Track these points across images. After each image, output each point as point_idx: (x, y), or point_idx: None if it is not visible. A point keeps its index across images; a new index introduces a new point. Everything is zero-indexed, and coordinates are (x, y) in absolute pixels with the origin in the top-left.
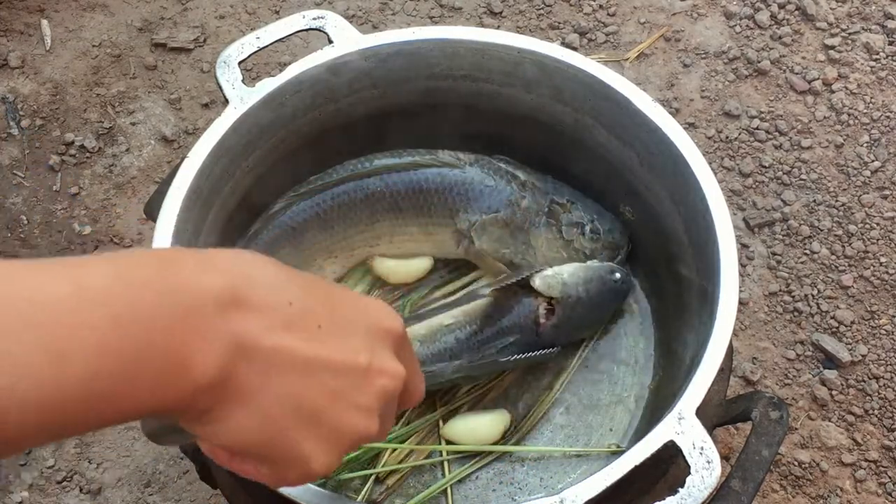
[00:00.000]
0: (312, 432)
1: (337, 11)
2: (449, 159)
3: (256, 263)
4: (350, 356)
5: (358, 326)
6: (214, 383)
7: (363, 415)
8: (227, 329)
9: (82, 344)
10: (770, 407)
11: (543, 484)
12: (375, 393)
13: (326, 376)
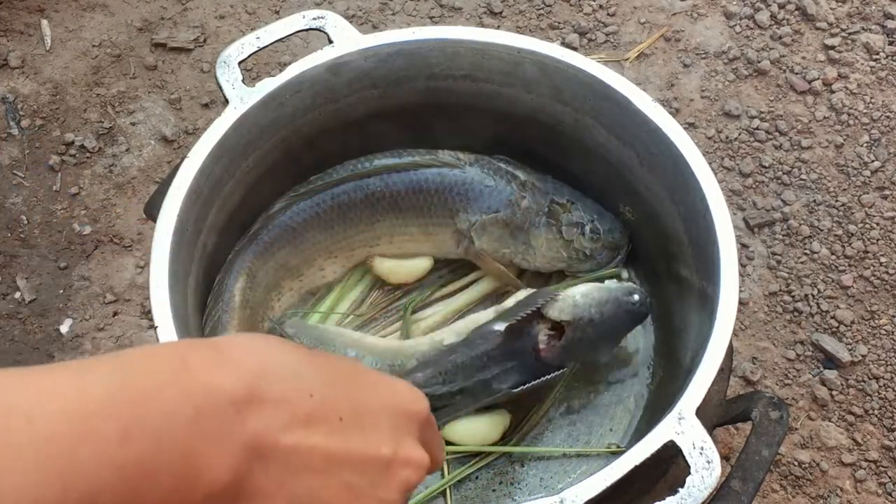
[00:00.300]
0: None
1: (337, 11)
2: (449, 159)
3: (273, 352)
4: (373, 449)
5: (381, 414)
6: (227, 489)
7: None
8: (243, 430)
9: (86, 460)
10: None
11: (543, 484)
12: (398, 485)
13: (347, 473)
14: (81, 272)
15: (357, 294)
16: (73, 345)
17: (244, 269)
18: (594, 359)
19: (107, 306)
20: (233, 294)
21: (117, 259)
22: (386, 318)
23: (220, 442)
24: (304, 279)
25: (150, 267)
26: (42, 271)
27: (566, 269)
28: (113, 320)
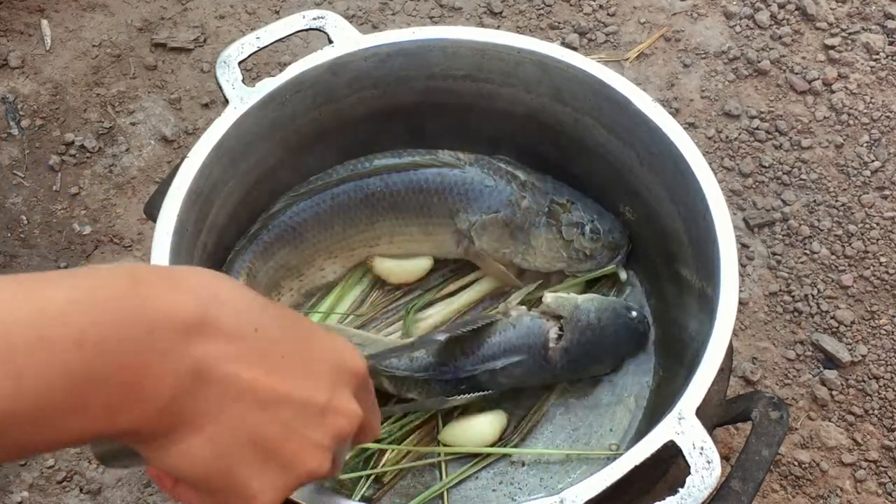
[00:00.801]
0: (263, 467)
1: (337, 11)
2: (449, 159)
3: (225, 286)
4: (310, 393)
5: (322, 363)
6: (169, 407)
7: (317, 452)
8: (189, 353)
9: (39, 363)
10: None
11: (543, 484)
12: (331, 432)
13: (283, 411)
14: None
15: (357, 294)
16: None
17: (244, 269)
18: (592, 367)
19: None
20: None
21: (117, 259)
22: (386, 318)
23: (167, 360)
24: (304, 279)
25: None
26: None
27: (566, 269)
28: None
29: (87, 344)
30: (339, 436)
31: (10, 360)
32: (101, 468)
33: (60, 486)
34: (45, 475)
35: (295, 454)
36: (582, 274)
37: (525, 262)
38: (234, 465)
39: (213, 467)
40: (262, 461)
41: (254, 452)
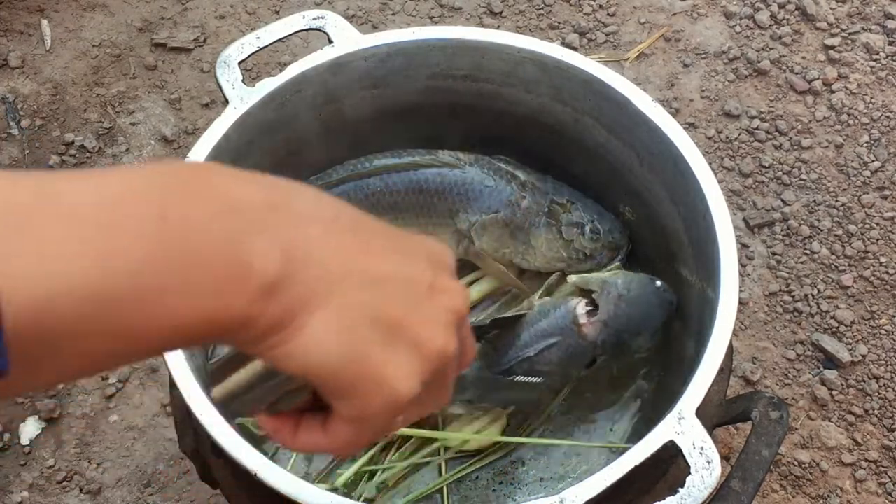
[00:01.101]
0: (392, 347)
1: (337, 11)
2: (449, 159)
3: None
4: (411, 271)
5: (416, 249)
6: (276, 287)
7: (441, 328)
8: (279, 233)
9: (124, 239)
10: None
11: (543, 484)
12: (445, 307)
13: (391, 288)
14: None
15: None
16: None
17: None
18: (633, 341)
19: None
20: None
21: None
22: None
23: (263, 234)
24: None
25: None
26: None
27: (566, 269)
28: None
29: (171, 219)
30: (455, 312)
31: (90, 241)
32: (101, 468)
33: (60, 486)
34: (45, 475)
35: (418, 330)
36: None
37: (525, 262)
38: (363, 347)
39: (343, 351)
40: (388, 341)
41: (378, 331)
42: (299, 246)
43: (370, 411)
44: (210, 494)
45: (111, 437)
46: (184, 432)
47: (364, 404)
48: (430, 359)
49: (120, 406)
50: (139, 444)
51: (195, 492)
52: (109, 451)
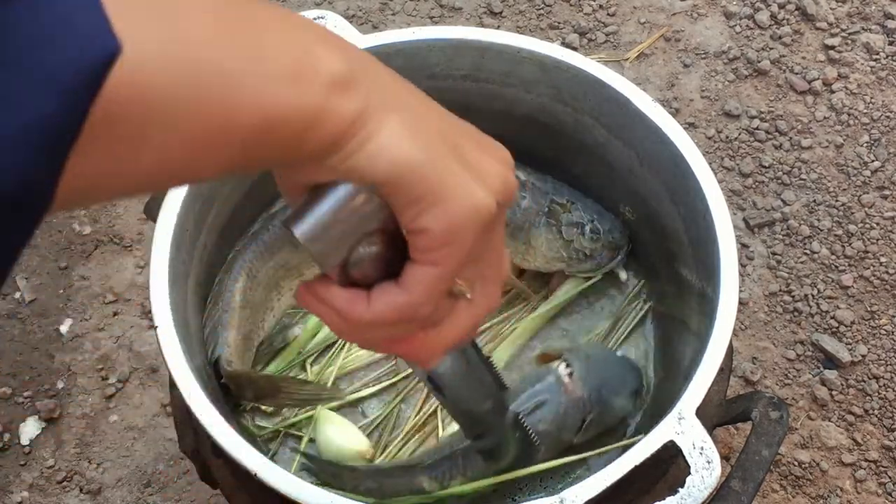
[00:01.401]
0: (464, 164)
1: (337, 11)
2: None
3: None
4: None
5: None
6: (349, 81)
7: (501, 166)
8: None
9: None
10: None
11: (543, 484)
12: (503, 157)
13: (455, 123)
14: (81, 272)
15: None
16: (73, 345)
17: (244, 268)
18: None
19: (107, 306)
20: (233, 294)
21: (117, 259)
22: None
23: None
24: (304, 279)
25: (150, 267)
26: (42, 271)
27: (566, 269)
28: (113, 320)
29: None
30: (506, 179)
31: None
32: (101, 468)
33: (60, 486)
34: (45, 475)
35: (480, 160)
36: (582, 274)
37: (525, 262)
38: (440, 154)
39: (425, 150)
40: (458, 158)
41: (448, 147)
42: (367, 68)
43: (455, 223)
44: (210, 494)
45: (111, 437)
46: (184, 432)
47: (449, 214)
48: (497, 179)
49: (120, 406)
50: (139, 444)
51: (195, 492)
52: (109, 451)
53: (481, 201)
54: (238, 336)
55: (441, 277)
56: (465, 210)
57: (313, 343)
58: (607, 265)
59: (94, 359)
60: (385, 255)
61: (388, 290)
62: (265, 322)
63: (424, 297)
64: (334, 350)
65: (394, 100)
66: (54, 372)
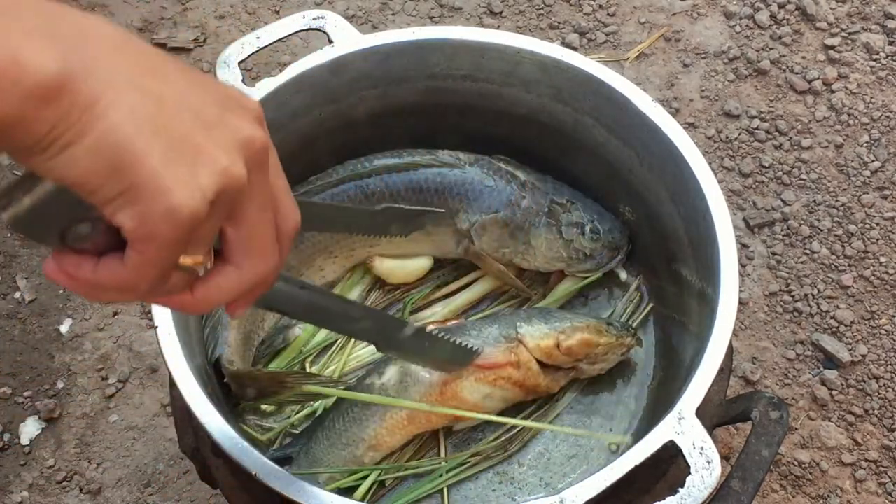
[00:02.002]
0: (173, 159)
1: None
2: (449, 159)
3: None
4: (204, 98)
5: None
6: (54, 89)
7: (226, 150)
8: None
9: None
10: (770, 407)
11: (543, 484)
12: (233, 136)
13: (180, 106)
14: None
15: (357, 294)
16: (73, 345)
17: None
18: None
19: (107, 306)
20: None
21: None
22: None
23: (40, 36)
24: (304, 279)
25: None
26: (42, 271)
27: (566, 269)
28: (113, 320)
29: None
30: (246, 143)
31: None
32: (101, 468)
33: (60, 486)
34: (45, 475)
35: (199, 148)
36: (582, 274)
37: (525, 262)
38: (140, 154)
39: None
40: (168, 152)
41: (157, 142)
42: (83, 54)
43: (149, 223)
44: (210, 494)
45: (111, 437)
46: (184, 432)
47: (141, 213)
48: (213, 175)
49: (120, 406)
50: (139, 444)
51: (195, 492)
52: (109, 451)
53: (178, 201)
54: (238, 336)
55: (148, 263)
56: (157, 212)
57: (313, 343)
58: (607, 265)
59: (94, 359)
60: (102, 235)
61: (110, 263)
62: (265, 322)
63: (138, 275)
64: (334, 350)
65: (110, 98)
66: (54, 372)
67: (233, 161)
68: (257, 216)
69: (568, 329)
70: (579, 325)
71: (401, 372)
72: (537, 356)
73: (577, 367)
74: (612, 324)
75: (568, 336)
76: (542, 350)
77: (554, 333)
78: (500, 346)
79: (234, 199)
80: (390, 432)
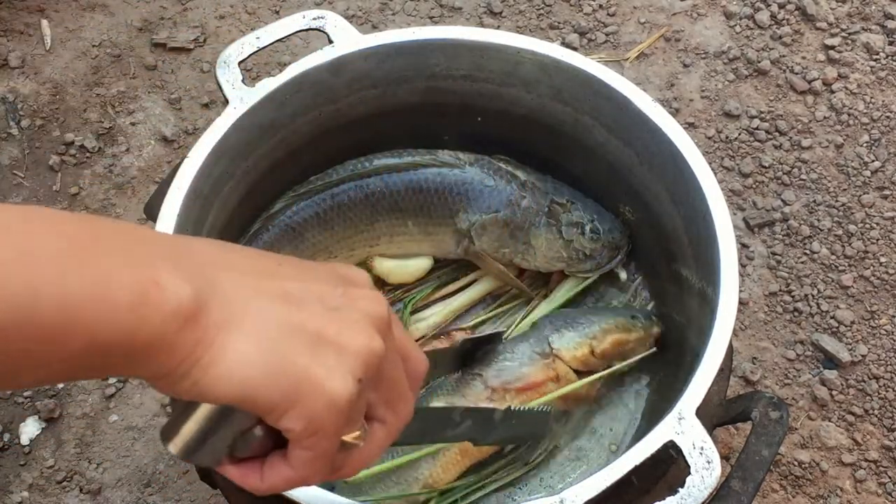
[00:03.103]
0: (316, 353)
1: (337, 11)
2: (449, 159)
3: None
4: (324, 284)
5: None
6: (192, 309)
7: (361, 328)
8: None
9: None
10: (770, 407)
11: (543, 484)
12: (362, 311)
13: (307, 300)
14: None
15: None
16: None
17: None
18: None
19: None
20: None
21: None
22: None
23: (170, 261)
24: None
25: None
26: None
27: (566, 269)
28: None
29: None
30: (374, 314)
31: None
32: (101, 468)
33: (60, 486)
34: (45, 475)
35: (338, 333)
36: (582, 274)
37: (525, 262)
38: (287, 357)
39: (267, 364)
40: (311, 348)
41: (299, 340)
42: (205, 274)
43: (315, 419)
44: (210, 494)
45: (111, 437)
46: None
47: (306, 413)
48: (357, 356)
49: (120, 406)
50: (139, 444)
51: (195, 492)
52: (109, 451)
53: (335, 391)
54: None
55: (317, 457)
56: (320, 407)
57: None
58: (607, 265)
59: None
60: (266, 437)
61: (276, 466)
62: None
63: (308, 471)
64: None
65: (240, 310)
66: None
67: (370, 336)
68: (393, 374)
69: (599, 333)
70: (608, 327)
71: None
72: (574, 366)
73: (611, 365)
74: (637, 316)
75: (600, 340)
76: (578, 360)
77: (587, 341)
78: (537, 363)
79: (377, 370)
80: (445, 470)
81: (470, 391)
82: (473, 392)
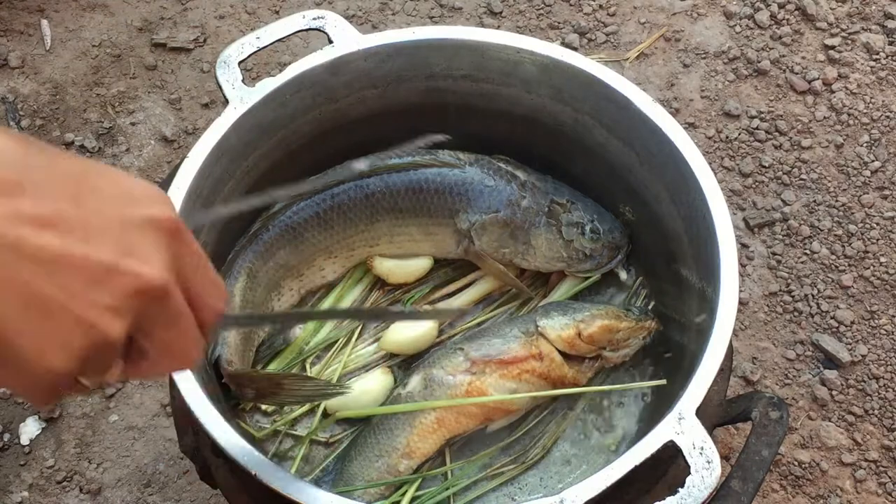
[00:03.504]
0: (39, 324)
1: (337, 11)
2: (449, 159)
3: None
4: (91, 252)
5: (111, 219)
6: None
7: (104, 312)
8: None
9: None
10: (770, 407)
11: (543, 484)
12: (121, 293)
13: (60, 269)
14: None
15: (357, 294)
16: None
17: (244, 268)
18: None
19: None
20: (233, 294)
21: None
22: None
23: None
24: (304, 279)
25: None
26: None
27: (566, 269)
28: None
29: None
30: (135, 295)
31: None
32: (101, 468)
33: (60, 486)
34: (45, 475)
35: (77, 312)
36: (582, 274)
37: (525, 262)
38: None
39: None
40: (37, 317)
41: (26, 307)
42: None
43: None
44: (210, 494)
45: (111, 437)
46: (184, 432)
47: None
48: (85, 339)
49: (120, 406)
50: (139, 444)
51: (195, 492)
52: (109, 451)
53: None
54: (238, 336)
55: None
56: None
57: (313, 343)
58: (607, 265)
59: None
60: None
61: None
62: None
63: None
64: (334, 350)
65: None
66: None
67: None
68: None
69: (587, 317)
70: (598, 313)
71: (424, 379)
72: (560, 347)
73: (602, 356)
74: (631, 309)
75: (588, 324)
76: (563, 340)
77: (574, 323)
78: (520, 339)
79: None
80: (422, 438)
81: (449, 362)
82: (453, 363)
